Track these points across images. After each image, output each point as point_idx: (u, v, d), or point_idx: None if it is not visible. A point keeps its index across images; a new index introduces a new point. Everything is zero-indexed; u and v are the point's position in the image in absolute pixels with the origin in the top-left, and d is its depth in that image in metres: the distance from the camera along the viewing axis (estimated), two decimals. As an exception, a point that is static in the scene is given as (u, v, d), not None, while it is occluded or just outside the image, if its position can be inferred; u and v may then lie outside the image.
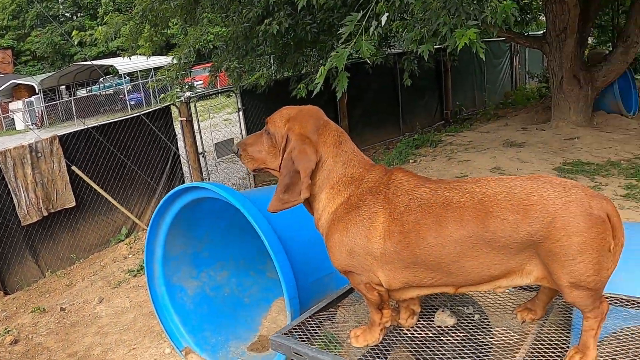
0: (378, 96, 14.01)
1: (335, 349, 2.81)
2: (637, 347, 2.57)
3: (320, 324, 3.01)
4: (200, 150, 9.82)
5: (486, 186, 2.36)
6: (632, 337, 2.66)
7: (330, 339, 2.92)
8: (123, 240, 8.90)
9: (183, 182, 9.57)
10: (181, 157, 9.74)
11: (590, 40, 17.50)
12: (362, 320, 3.05)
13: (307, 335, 2.89)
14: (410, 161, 10.81)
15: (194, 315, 4.92)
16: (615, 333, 2.72)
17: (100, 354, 5.67)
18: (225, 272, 5.06)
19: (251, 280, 5.14)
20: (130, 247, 8.65)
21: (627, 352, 2.54)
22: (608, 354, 2.53)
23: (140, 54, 12.85)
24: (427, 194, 2.44)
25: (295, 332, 2.91)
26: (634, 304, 2.87)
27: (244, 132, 10.74)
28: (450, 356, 2.65)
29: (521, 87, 19.58)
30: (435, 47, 5.63)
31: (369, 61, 6.34)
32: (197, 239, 4.88)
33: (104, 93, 38.98)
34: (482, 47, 4.94)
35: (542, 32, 14.50)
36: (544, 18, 12.53)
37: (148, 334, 5.81)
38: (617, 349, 2.58)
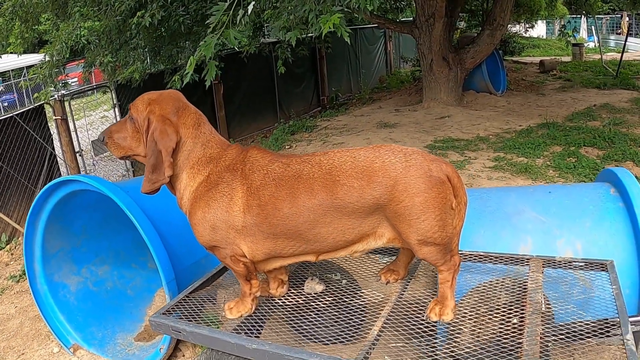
0: (254, 85, 14.08)
1: (216, 327, 2.91)
2: (496, 297, 2.86)
3: (201, 305, 3.09)
4: (77, 149, 9.55)
5: (333, 157, 2.55)
6: (490, 289, 2.95)
7: (211, 319, 3.02)
8: (4, 248, 8.54)
9: (61, 182, 9.29)
10: (58, 158, 9.42)
11: (462, 24, 18.35)
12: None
13: (186, 314, 2.97)
14: (286, 147, 10.93)
15: (79, 312, 4.88)
16: (476, 287, 2.99)
17: (-12, 364, 5.50)
18: (106, 266, 5.03)
19: (133, 272, 5.14)
20: (12, 254, 8.32)
21: (488, 302, 2.81)
22: (470, 305, 2.79)
23: (11, 53, 12.32)
24: (280, 168, 2.60)
25: (174, 311, 2.99)
26: (490, 259, 3.16)
27: (121, 129, 10.47)
28: (320, 319, 2.83)
29: (396, 72, 20.18)
30: (310, 35, 5.79)
31: (237, 48, 6.42)
32: (74, 235, 4.82)
33: (-27, 95, 36.68)
34: (347, 31, 5.12)
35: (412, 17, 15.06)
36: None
37: (36, 337, 5.68)
38: (478, 300, 2.85)
